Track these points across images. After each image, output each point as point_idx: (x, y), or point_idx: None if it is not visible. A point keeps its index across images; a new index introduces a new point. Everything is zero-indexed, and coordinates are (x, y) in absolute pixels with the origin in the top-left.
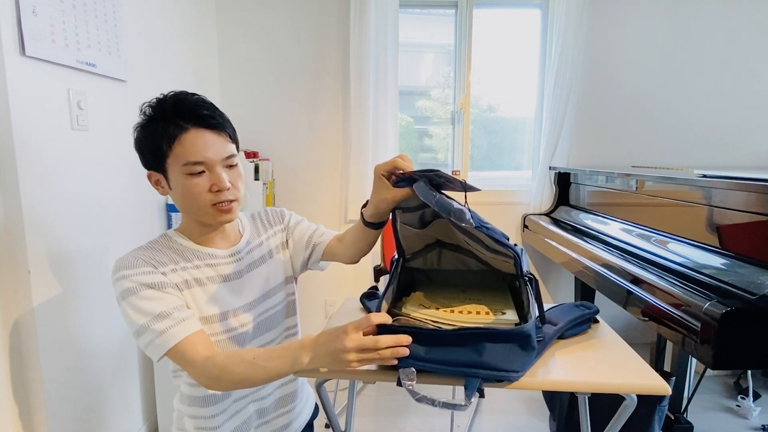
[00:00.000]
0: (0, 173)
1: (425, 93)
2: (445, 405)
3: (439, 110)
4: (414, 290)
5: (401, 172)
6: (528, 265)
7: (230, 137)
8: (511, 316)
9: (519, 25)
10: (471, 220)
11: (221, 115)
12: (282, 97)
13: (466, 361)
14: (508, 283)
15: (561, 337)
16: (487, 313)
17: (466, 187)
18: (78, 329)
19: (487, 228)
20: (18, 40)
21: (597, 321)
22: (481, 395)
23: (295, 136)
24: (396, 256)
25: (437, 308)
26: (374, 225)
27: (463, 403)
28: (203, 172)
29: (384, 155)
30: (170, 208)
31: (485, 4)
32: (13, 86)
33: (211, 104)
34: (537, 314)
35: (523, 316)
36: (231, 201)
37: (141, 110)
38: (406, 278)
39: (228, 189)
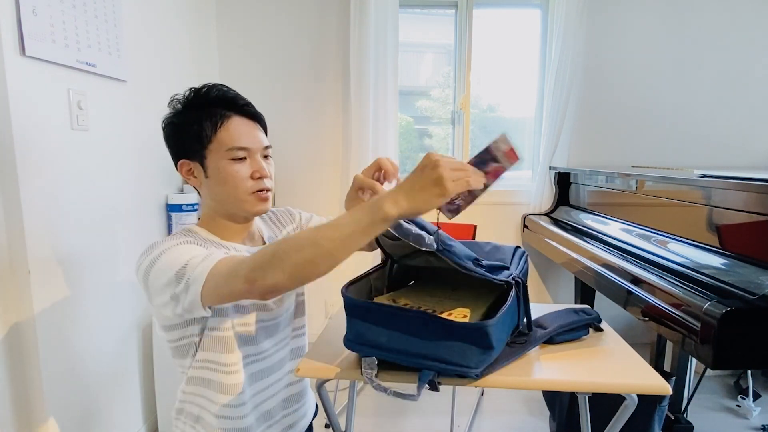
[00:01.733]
0: (0, 173)
1: (425, 93)
2: (397, 394)
3: (439, 110)
4: (403, 286)
5: None
6: (522, 269)
7: (265, 130)
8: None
9: (519, 25)
10: (432, 244)
11: (255, 108)
12: (282, 97)
13: (424, 353)
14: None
15: (551, 342)
16: (464, 317)
17: (437, 240)
18: (78, 329)
19: (449, 251)
20: (18, 40)
21: (601, 329)
22: (433, 388)
23: (295, 135)
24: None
25: (405, 304)
26: None
27: (413, 394)
28: (245, 159)
29: (384, 155)
30: (170, 208)
31: (485, 4)
32: (13, 86)
33: (246, 99)
34: (525, 319)
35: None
36: (268, 190)
37: (171, 104)
38: (400, 275)
39: (268, 177)
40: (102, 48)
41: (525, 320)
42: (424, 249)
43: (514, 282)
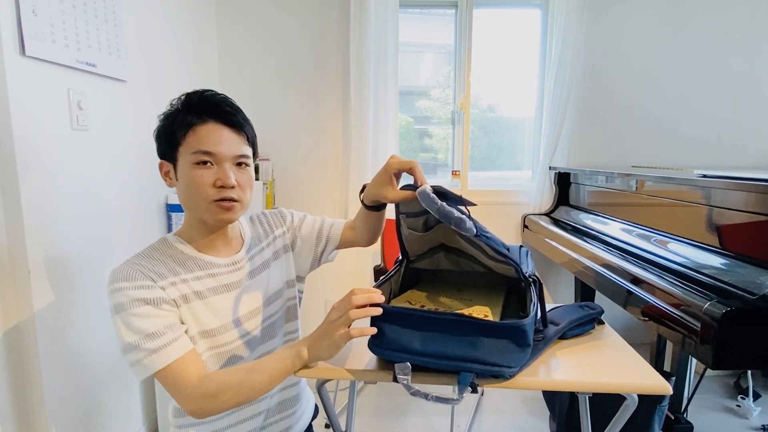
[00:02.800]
0: (0, 173)
1: (425, 93)
2: (438, 399)
3: (439, 110)
4: (407, 288)
5: (410, 184)
6: (533, 267)
7: (248, 140)
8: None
9: (519, 25)
10: (472, 229)
11: (244, 117)
12: (282, 97)
13: (461, 355)
14: (510, 286)
15: (563, 337)
16: (485, 316)
17: (463, 202)
18: (78, 328)
19: (487, 237)
20: (18, 40)
21: (602, 322)
22: (474, 390)
23: (295, 136)
24: (400, 257)
25: (422, 306)
26: (375, 208)
27: (455, 398)
28: (211, 165)
29: (384, 155)
30: (170, 208)
31: (485, 4)
32: (13, 86)
33: (237, 106)
34: (539, 316)
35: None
36: (233, 201)
37: (170, 105)
38: (409, 278)
39: (232, 187)
40: (102, 48)
41: (540, 317)
42: (463, 233)
43: (531, 280)
